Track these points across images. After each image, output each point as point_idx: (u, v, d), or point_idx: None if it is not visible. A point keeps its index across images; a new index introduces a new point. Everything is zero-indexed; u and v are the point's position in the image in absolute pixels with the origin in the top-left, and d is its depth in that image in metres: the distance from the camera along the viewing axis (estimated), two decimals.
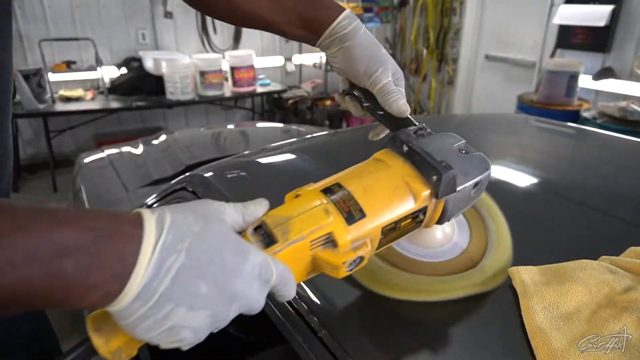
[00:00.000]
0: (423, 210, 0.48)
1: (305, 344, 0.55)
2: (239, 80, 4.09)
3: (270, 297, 0.42)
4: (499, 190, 0.88)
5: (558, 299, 0.50)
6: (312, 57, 5.01)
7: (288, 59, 5.00)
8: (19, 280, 0.30)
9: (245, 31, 4.58)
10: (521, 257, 0.62)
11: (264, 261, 0.38)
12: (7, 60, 0.56)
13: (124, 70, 4.08)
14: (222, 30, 4.48)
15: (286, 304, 0.61)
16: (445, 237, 0.62)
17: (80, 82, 4.06)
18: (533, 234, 0.72)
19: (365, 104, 0.62)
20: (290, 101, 4.58)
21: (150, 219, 0.34)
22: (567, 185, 0.90)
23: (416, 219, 0.49)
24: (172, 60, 3.80)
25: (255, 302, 0.39)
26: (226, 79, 4.17)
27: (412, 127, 0.53)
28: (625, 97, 3.23)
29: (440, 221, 0.52)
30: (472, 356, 0.47)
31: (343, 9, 0.62)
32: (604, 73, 3.37)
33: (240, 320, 1.40)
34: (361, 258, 0.45)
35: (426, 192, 0.47)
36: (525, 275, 0.54)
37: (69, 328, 2.33)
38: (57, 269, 0.30)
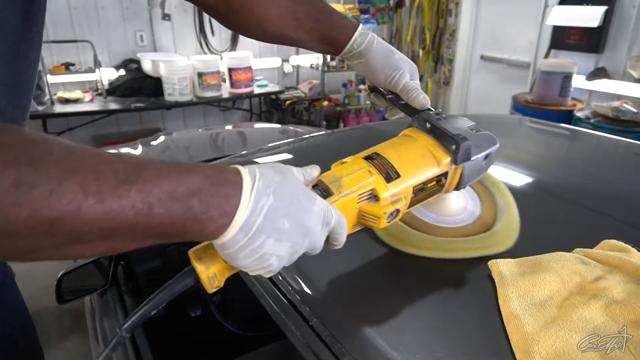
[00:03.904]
0: (445, 175, 0.59)
1: (298, 331, 0.59)
2: (237, 82, 4.12)
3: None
4: None
5: (532, 288, 0.53)
6: (309, 58, 5.04)
7: (285, 60, 5.03)
8: (165, 213, 0.38)
9: None
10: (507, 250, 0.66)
11: (327, 206, 0.48)
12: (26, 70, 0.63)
13: (122, 71, 4.11)
14: (219, 32, 4.51)
15: (280, 295, 0.64)
16: (461, 207, 0.72)
17: (78, 84, 4.09)
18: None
19: (388, 97, 0.74)
20: (288, 102, 4.61)
21: (245, 171, 0.44)
22: (552, 183, 0.94)
23: (439, 182, 0.59)
24: (170, 61, 3.83)
25: (318, 240, 0.48)
26: (224, 80, 4.20)
27: (432, 112, 0.64)
28: (619, 97, 3.27)
29: (458, 187, 0.62)
30: (451, 342, 0.51)
31: (356, 27, 0.72)
32: (598, 73, 3.41)
33: (239, 317, 1.43)
34: (397, 211, 0.55)
35: (447, 159, 0.58)
36: (503, 267, 0.58)
37: (70, 328, 2.36)
38: (189, 205, 0.39)
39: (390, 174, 0.54)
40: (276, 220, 0.43)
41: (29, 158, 0.33)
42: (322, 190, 0.52)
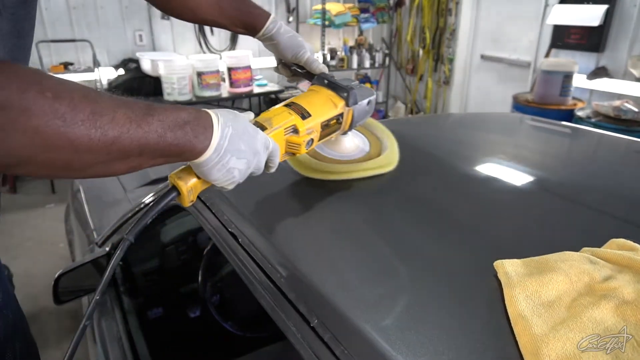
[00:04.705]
0: (341, 115, 0.81)
1: (299, 333, 0.57)
2: (236, 81, 4.10)
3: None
4: (492, 186, 0.90)
5: (540, 288, 0.52)
6: None
7: None
8: (173, 136, 0.54)
9: None
10: (508, 249, 0.64)
11: (265, 136, 0.67)
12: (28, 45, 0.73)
13: (121, 71, 4.09)
14: (219, 31, 4.50)
15: (280, 295, 0.63)
16: (355, 146, 0.94)
17: None
18: (521, 228, 0.74)
19: (292, 68, 0.96)
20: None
21: (209, 111, 0.60)
22: (556, 182, 0.92)
23: (338, 121, 0.81)
24: (170, 61, 3.82)
25: (262, 161, 0.66)
26: (223, 80, 4.18)
27: (327, 74, 0.87)
28: (620, 96, 3.26)
29: (352, 125, 0.85)
30: (459, 343, 0.49)
31: (269, 16, 0.94)
32: (598, 72, 3.40)
33: (239, 318, 1.41)
34: (312, 140, 0.76)
35: (342, 104, 0.80)
36: (509, 268, 0.56)
37: (68, 328, 2.35)
38: (185, 131, 0.55)
39: (304, 114, 0.74)
40: (236, 143, 0.61)
41: (92, 97, 0.48)
42: (259, 126, 0.69)
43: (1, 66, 0.44)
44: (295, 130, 0.73)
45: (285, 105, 0.76)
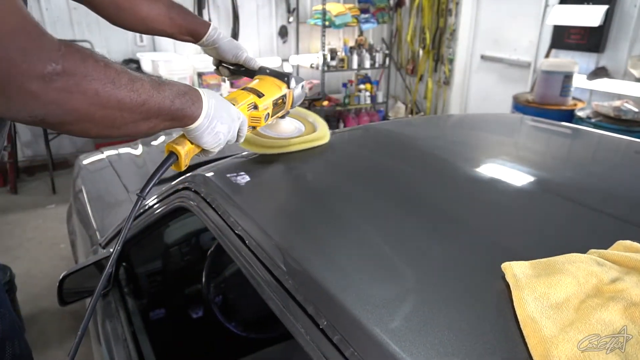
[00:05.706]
0: (285, 96, 0.99)
1: (308, 335, 0.57)
2: (236, 81, 4.10)
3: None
4: (496, 188, 0.90)
5: (548, 290, 0.52)
6: (309, 58, 5.03)
7: (285, 60, 5.02)
8: (179, 102, 0.68)
9: (243, 32, 4.60)
10: (514, 251, 0.65)
11: (236, 108, 0.82)
12: None
13: None
14: None
15: (288, 296, 0.63)
16: (294, 127, 1.12)
17: None
18: (526, 230, 0.74)
19: (231, 69, 1.11)
20: None
21: (196, 87, 0.73)
22: (560, 183, 0.93)
23: (283, 101, 0.99)
24: (170, 61, 3.83)
25: (235, 129, 0.81)
26: (224, 80, 4.18)
27: (266, 67, 1.04)
28: (620, 97, 3.26)
29: (293, 105, 1.04)
30: (469, 345, 0.50)
31: (209, 25, 1.06)
32: (598, 73, 3.41)
33: (242, 319, 1.40)
34: (268, 114, 0.94)
35: (284, 86, 0.99)
36: (517, 270, 0.57)
37: (70, 329, 2.35)
38: (186, 99, 0.70)
39: (259, 94, 0.91)
40: (219, 111, 0.76)
41: (124, 68, 0.61)
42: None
43: (65, 42, 0.54)
44: (255, 107, 0.90)
45: (242, 89, 0.93)
